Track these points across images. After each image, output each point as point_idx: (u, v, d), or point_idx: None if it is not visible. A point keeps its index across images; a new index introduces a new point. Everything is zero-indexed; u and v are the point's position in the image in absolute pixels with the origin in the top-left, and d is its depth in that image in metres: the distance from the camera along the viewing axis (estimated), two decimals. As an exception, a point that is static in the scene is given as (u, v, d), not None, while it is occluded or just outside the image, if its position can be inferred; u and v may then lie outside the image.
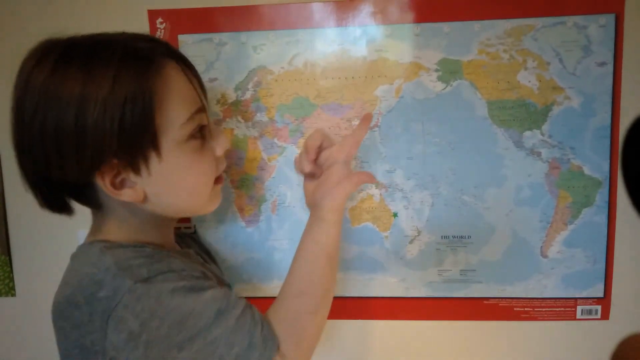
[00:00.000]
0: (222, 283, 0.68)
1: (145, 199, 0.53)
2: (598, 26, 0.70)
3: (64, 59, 0.49)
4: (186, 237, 0.76)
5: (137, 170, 0.51)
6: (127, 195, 0.52)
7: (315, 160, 0.63)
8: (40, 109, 0.48)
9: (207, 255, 0.75)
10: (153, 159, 0.51)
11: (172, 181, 0.53)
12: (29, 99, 0.48)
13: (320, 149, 0.62)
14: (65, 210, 0.56)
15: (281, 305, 0.58)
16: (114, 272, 0.48)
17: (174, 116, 0.51)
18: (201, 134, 0.56)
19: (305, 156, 0.62)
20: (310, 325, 0.57)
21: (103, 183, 0.50)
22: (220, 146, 0.58)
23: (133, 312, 0.47)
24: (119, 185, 0.51)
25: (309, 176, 0.64)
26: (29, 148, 0.49)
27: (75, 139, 0.47)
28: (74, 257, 0.55)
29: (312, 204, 0.62)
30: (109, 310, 0.47)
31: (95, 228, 0.57)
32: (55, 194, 0.54)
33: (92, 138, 0.47)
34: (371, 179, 0.62)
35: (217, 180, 0.60)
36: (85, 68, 0.48)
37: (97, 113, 0.47)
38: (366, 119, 0.63)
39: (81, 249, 0.55)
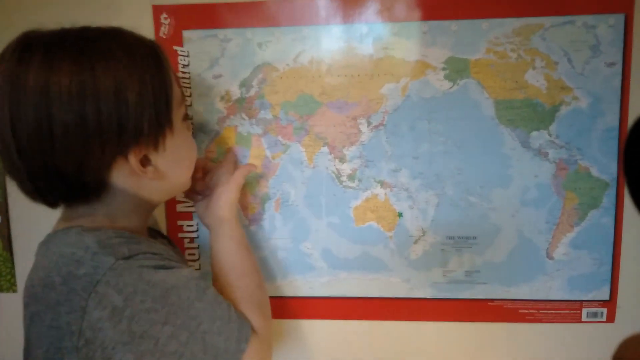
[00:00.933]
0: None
1: (164, 175, 0.56)
2: (607, 26, 0.70)
3: (79, 54, 0.48)
4: (153, 231, 0.72)
5: (158, 147, 0.54)
6: (150, 172, 0.54)
7: (204, 181, 0.71)
8: (66, 103, 0.47)
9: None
10: (168, 134, 0.55)
11: (179, 155, 0.58)
12: (52, 96, 0.47)
13: (205, 171, 0.72)
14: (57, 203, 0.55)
15: (231, 292, 0.61)
16: (95, 250, 0.48)
17: (177, 94, 0.56)
18: (187, 117, 0.62)
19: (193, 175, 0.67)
20: (263, 296, 0.64)
21: (135, 161, 0.52)
22: (190, 128, 0.67)
23: (116, 287, 0.47)
24: (143, 165, 0.54)
25: (201, 202, 0.70)
26: (42, 146, 0.48)
27: (115, 126, 0.49)
28: (45, 243, 0.54)
29: (209, 216, 0.67)
30: (90, 287, 0.46)
31: (67, 217, 0.56)
32: (61, 185, 0.51)
33: (134, 119, 0.50)
34: (251, 167, 0.70)
35: None
36: (106, 61, 0.49)
37: (134, 96, 0.49)
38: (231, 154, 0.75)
39: (55, 235, 0.53)
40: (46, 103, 0.47)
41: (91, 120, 0.48)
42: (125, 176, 0.53)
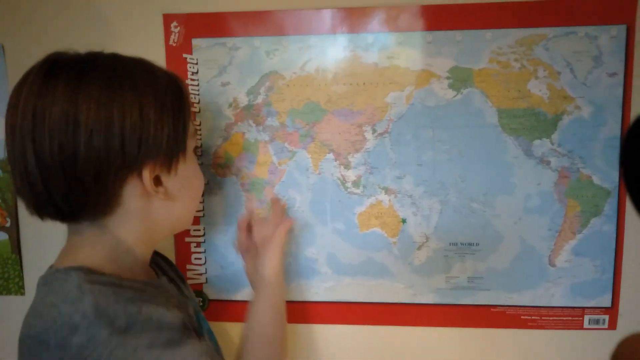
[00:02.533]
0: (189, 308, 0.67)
1: (173, 197, 0.58)
2: (609, 37, 0.71)
3: (112, 82, 0.51)
4: (159, 257, 0.71)
5: (171, 169, 0.56)
6: (162, 192, 0.56)
7: (250, 236, 0.75)
8: (97, 113, 0.49)
9: (177, 275, 0.73)
10: (182, 160, 0.57)
11: (189, 182, 0.60)
12: (85, 106, 0.49)
13: (250, 226, 0.75)
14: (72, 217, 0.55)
15: (251, 356, 0.65)
16: (91, 319, 0.46)
17: (191, 125, 0.60)
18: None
19: (239, 234, 0.76)
20: None
21: (148, 178, 0.53)
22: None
23: None
24: (156, 183, 0.55)
25: (249, 258, 0.75)
26: (75, 142, 0.49)
27: (135, 140, 0.51)
28: (48, 284, 0.52)
29: (254, 275, 0.72)
30: (81, 358, 0.45)
31: (72, 247, 0.56)
32: (76, 194, 0.51)
33: (153, 136, 0.52)
34: (290, 222, 0.74)
35: None
36: (132, 85, 0.52)
37: (155, 114, 0.52)
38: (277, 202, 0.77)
39: (56, 276, 0.52)
40: (73, 130, 0.49)
41: (115, 134, 0.50)
42: (136, 194, 0.54)
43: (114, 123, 0.50)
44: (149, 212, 0.56)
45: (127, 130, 0.50)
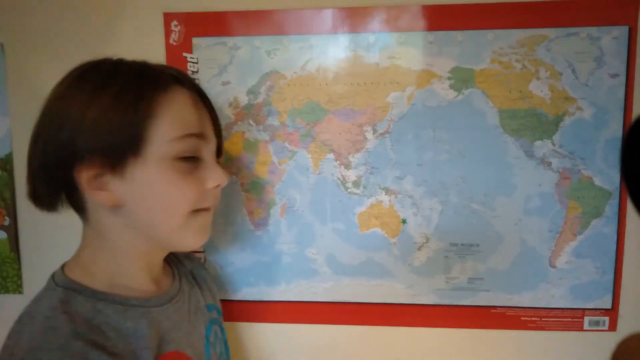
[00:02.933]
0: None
1: (118, 205, 0.53)
2: (611, 38, 0.71)
3: (85, 74, 0.54)
4: (187, 262, 0.72)
5: (115, 172, 0.52)
6: (101, 196, 0.53)
7: None
8: (52, 109, 0.53)
9: (203, 285, 0.72)
10: (133, 164, 0.52)
11: (150, 192, 0.54)
12: (48, 101, 0.54)
13: None
14: (51, 207, 0.57)
15: None
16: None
17: (165, 131, 0.53)
18: (194, 160, 0.57)
19: None
20: None
21: (82, 177, 0.52)
22: (212, 179, 0.58)
23: None
24: (96, 186, 0.53)
25: None
26: (36, 142, 0.54)
27: (72, 128, 0.51)
28: (45, 288, 0.55)
29: None
30: None
31: (80, 250, 0.58)
32: (49, 188, 0.55)
33: (87, 128, 0.51)
34: None
35: (203, 210, 0.59)
36: (98, 81, 0.53)
37: (97, 109, 0.51)
38: None
39: (50, 284, 0.55)
40: (45, 106, 0.54)
41: (54, 130, 0.52)
42: (85, 189, 0.53)
43: (55, 119, 0.52)
44: (114, 220, 0.55)
45: (65, 126, 0.51)
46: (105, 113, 0.51)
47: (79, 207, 0.56)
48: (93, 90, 0.52)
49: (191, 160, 0.56)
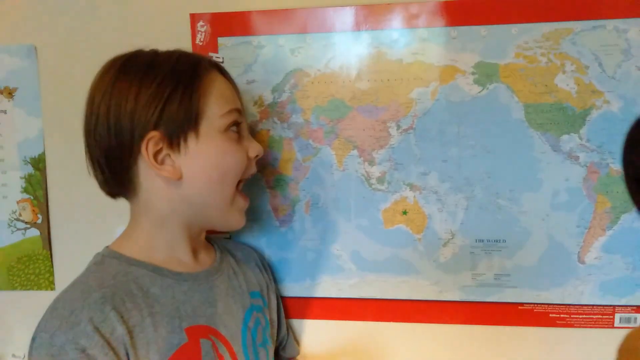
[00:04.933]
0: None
1: (180, 177, 0.59)
2: (638, 30, 0.70)
3: (127, 65, 0.60)
4: (231, 245, 0.77)
5: (176, 147, 0.58)
6: (166, 170, 0.58)
7: None
8: (106, 99, 0.58)
9: (247, 268, 0.75)
10: (192, 138, 0.59)
11: (207, 162, 0.60)
12: (97, 94, 0.59)
13: None
14: (115, 194, 0.63)
15: None
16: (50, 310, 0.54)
17: (216, 107, 0.61)
18: (238, 132, 0.64)
19: None
20: None
21: (146, 153, 0.57)
22: (253, 149, 0.66)
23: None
24: (160, 161, 0.58)
25: None
26: (95, 136, 0.59)
27: (130, 115, 0.57)
28: (98, 262, 0.61)
29: None
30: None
31: (126, 231, 0.64)
32: (112, 174, 0.60)
33: (143, 111, 0.57)
34: None
35: (241, 194, 0.66)
36: (145, 68, 0.59)
37: (149, 93, 0.57)
38: None
39: (96, 257, 0.62)
40: (93, 98, 0.59)
41: (118, 113, 0.57)
42: (148, 173, 0.59)
43: (111, 109, 0.57)
44: (168, 195, 0.60)
45: (123, 113, 0.57)
46: (155, 97, 0.57)
47: (132, 187, 0.60)
48: (144, 75, 0.58)
49: (236, 132, 0.63)
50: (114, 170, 0.59)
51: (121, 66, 0.59)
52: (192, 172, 0.59)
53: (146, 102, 0.57)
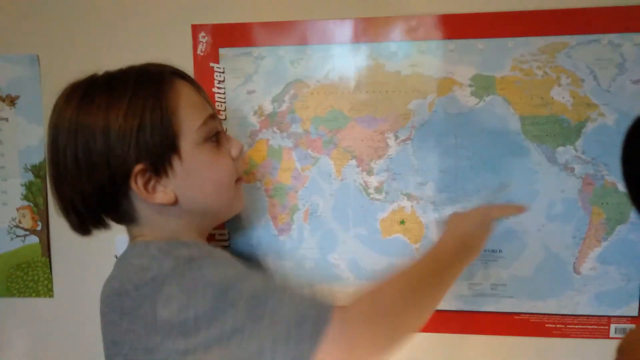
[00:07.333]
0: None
1: (176, 200, 0.58)
2: (632, 44, 0.71)
3: (87, 96, 0.56)
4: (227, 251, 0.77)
5: (164, 173, 0.57)
6: (159, 197, 0.57)
7: None
8: (72, 140, 0.55)
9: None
10: (175, 161, 0.57)
11: (196, 179, 0.59)
12: (62, 137, 0.56)
13: None
14: (91, 232, 0.62)
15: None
16: (159, 257, 0.54)
17: (190, 122, 0.58)
18: (217, 139, 0.62)
19: None
20: (416, 306, 0.56)
21: (137, 187, 0.55)
22: (234, 148, 0.64)
23: (179, 286, 0.50)
24: (151, 190, 0.57)
25: None
26: (66, 178, 0.56)
27: (104, 156, 0.54)
28: (120, 256, 0.60)
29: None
30: (157, 290, 0.50)
31: (135, 234, 0.62)
32: (93, 214, 0.59)
33: (118, 149, 0.54)
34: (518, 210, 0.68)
35: (237, 180, 0.65)
36: (106, 97, 0.55)
37: (118, 126, 0.54)
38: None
39: (126, 249, 0.61)
40: (57, 138, 0.56)
41: (89, 154, 0.54)
42: (142, 200, 0.57)
43: (80, 157, 0.55)
44: (169, 215, 0.59)
45: (93, 158, 0.54)
46: (132, 125, 0.54)
47: (129, 217, 0.59)
48: (107, 107, 0.54)
49: (214, 139, 0.61)
50: (100, 208, 0.58)
51: (80, 100, 0.56)
52: (185, 192, 0.58)
53: (117, 139, 0.54)
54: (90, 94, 0.56)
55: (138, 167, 0.55)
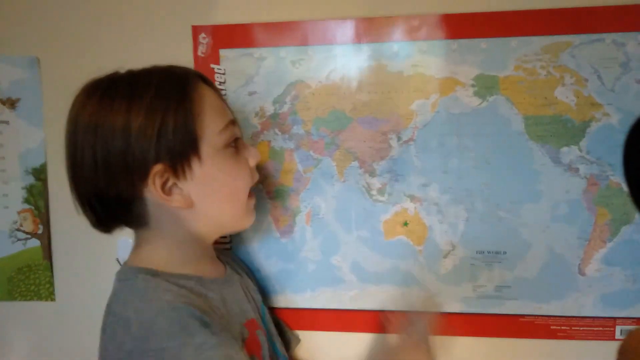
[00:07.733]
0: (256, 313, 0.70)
1: (192, 205, 0.57)
2: (636, 43, 0.70)
3: (108, 93, 0.55)
4: (226, 254, 0.77)
5: (182, 174, 0.56)
6: (176, 200, 0.56)
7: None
8: (91, 137, 0.54)
9: (244, 272, 0.76)
10: (195, 163, 0.57)
11: (214, 184, 0.59)
12: (80, 132, 0.55)
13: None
14: (111, 229, 0.61)
15: None
16: (141, 312, 0.52)
17: (212, 125, 0.58)
18: (236, 145, 0.62)
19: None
20: None
21: (154, 188, 0.55)
22: (252, 157, 0.64)
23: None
24: (168, 192, 0.56)
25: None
26: (82, 174, 0.56)
27: (123, 154, 0.53)
28: (121, 281, 0.58)
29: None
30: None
31: (138, 250, 0.61)
32: (107, 213, 0.58)
33: (138, 148, 0.54)
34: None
35: (249, 195, 0.64)
36: (128, 95, 0.55)
37: (139, 125, 0.53)
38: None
39: (127, 274, 0.58)
40: (76, 134, 0.56)
41: (107, 153, 0.54)
42: (157, 203, 0.56)
43: (97, 144, 0.54)
44: (179, 218, 0.58)
45: (112, 158, 0.54)
46: (145, 128, 0.53)
47: (140, 219, 0.58)
48: (129, 101, 0.54)
49: (233, 144, 0.61)
50: (113, 208, 0.57)
51: (101, 97, 0.55)
52: (202, 197, 0.58)
53: (137, 137, 0.53)
54: (111, 91, 0.55)
55: (157, 167, 0.54)
